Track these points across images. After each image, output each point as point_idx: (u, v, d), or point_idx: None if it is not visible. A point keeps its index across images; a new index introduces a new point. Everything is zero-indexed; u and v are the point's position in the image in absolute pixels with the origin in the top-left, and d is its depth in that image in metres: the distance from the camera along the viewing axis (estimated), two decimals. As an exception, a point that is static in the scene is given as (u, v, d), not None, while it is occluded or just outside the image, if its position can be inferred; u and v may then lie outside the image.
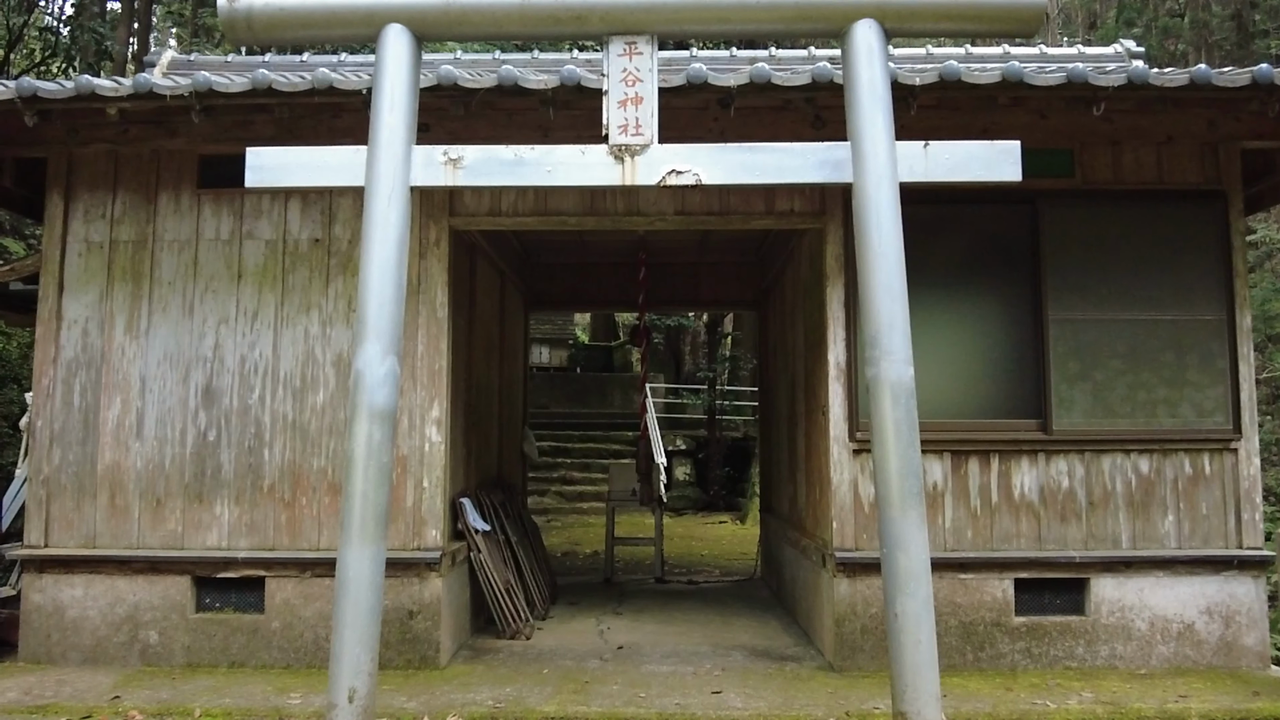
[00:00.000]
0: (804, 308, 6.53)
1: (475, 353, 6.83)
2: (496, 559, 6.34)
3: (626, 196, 5.67)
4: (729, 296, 9.24)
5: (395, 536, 5.51)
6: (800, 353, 6.66)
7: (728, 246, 8.80)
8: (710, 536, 12.85)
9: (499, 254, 7.60)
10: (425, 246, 5.66)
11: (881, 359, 3.87)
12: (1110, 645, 5.44)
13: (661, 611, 7.14)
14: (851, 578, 5.44)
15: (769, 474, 8.78)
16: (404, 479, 5.54)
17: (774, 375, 8.44)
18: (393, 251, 3.97)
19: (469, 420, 6.61)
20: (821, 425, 5.81)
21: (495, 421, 7.68)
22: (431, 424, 5.54)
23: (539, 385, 20.39)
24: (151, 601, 5.54)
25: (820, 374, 5.81)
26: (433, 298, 5.62)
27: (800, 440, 6.70)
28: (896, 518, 3.84)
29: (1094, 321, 5.66)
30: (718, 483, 16.47)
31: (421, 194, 5.67)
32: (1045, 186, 5.72)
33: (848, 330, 5.56)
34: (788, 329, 7.37)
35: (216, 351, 5.71)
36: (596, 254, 9.10)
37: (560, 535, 12.77)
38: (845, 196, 5.62)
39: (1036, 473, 5.59)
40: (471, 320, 6.74)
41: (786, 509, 7.47)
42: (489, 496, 6.75)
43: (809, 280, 6.31)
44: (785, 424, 7.57)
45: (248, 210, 5.80)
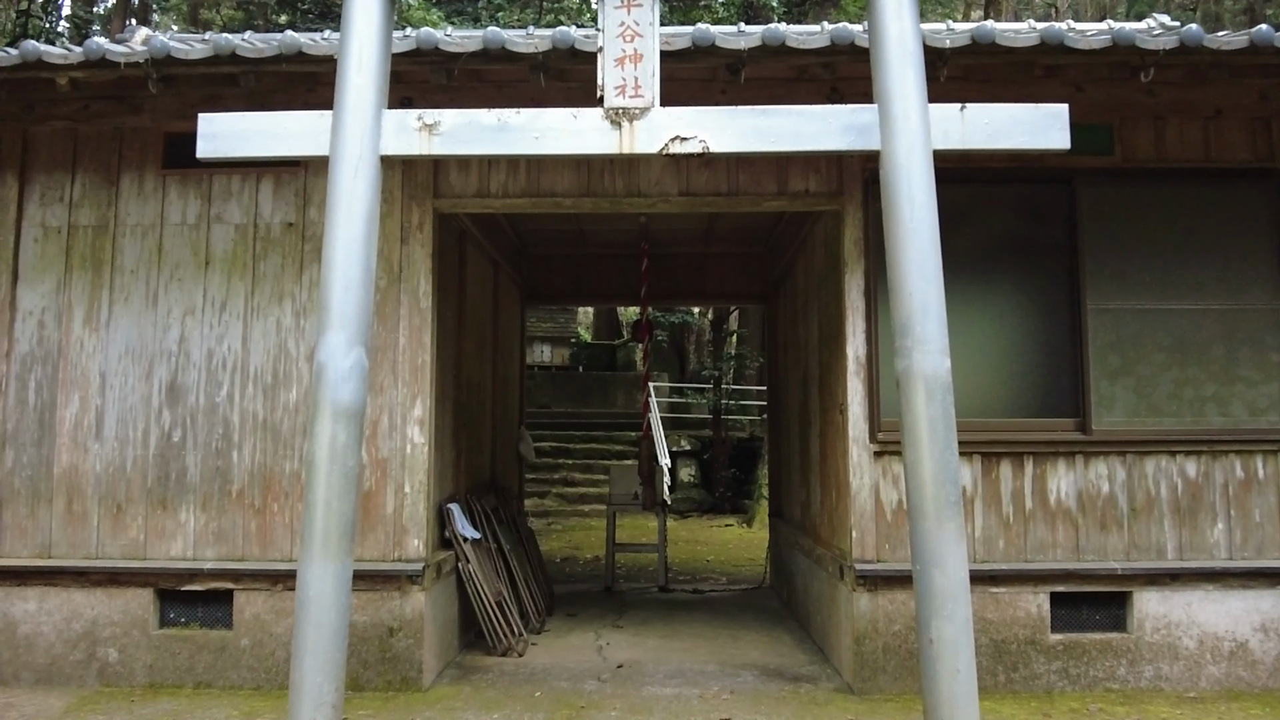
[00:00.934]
0: (818, 298, 6.07)
1: (466, 347, 6.38)
2: (487, 569, 5.89)
3: (626, 176, 5.21)
4: (735, 290, 8.77)
5: (374, 546, 5.06)
6: (814, 347, 6.20)
7: (734, 236, 8.34)
8: (716, 541, 12.39)
9: (492, 243, 7.15)
10: (407, 231, 5.21)
11: (914, 349, 3.42)
12: (1155, 665, 4.97)
13: (665, 624, 6.68)
14: (873, 592, 4.97)
15: (778, 477, 8.31)
16: (383, 483, 5.09)
17: (784, 372, 7.97)
18: (360, 228, 3.53)
19: (458, 420, 6.16)
20: (839, 425, 5.35)
21: (488, 421, 7.23)
22: (414, 424, 5.09)
23: (540, 384, 19.95)
24: (111, 616, 5.09)
25: (837, 369, 5.35)
26: (415, 286, 5.16)
27: (814, 441, 6.23)
28: (931, 530, 3.38)
29: (1136, 311, 5.19)
30: (723, 484, 16.00)
31: (404, 174, 5.24)
32: (1083, 165, 5.26)
33: (868, 321, 5.10)
34: (799, 322, 6.91)
35: (182, 345, 5.27)
36: (596, 245, 8.65)
37: (560, 539, 12.32)
38: (865, 175, 5.17)
39: (1074, 476, 5.12)
40: (461, 313, 6.29)
41: (798, 515, 7.01)
42: (480, 502, 6.29)
43: (824, 268, 5.85)
44: (797, 424, 7.10)
45: (216, 192, 5.36)
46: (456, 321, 6.18)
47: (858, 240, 5.14)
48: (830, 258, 5.61)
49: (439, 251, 5.51)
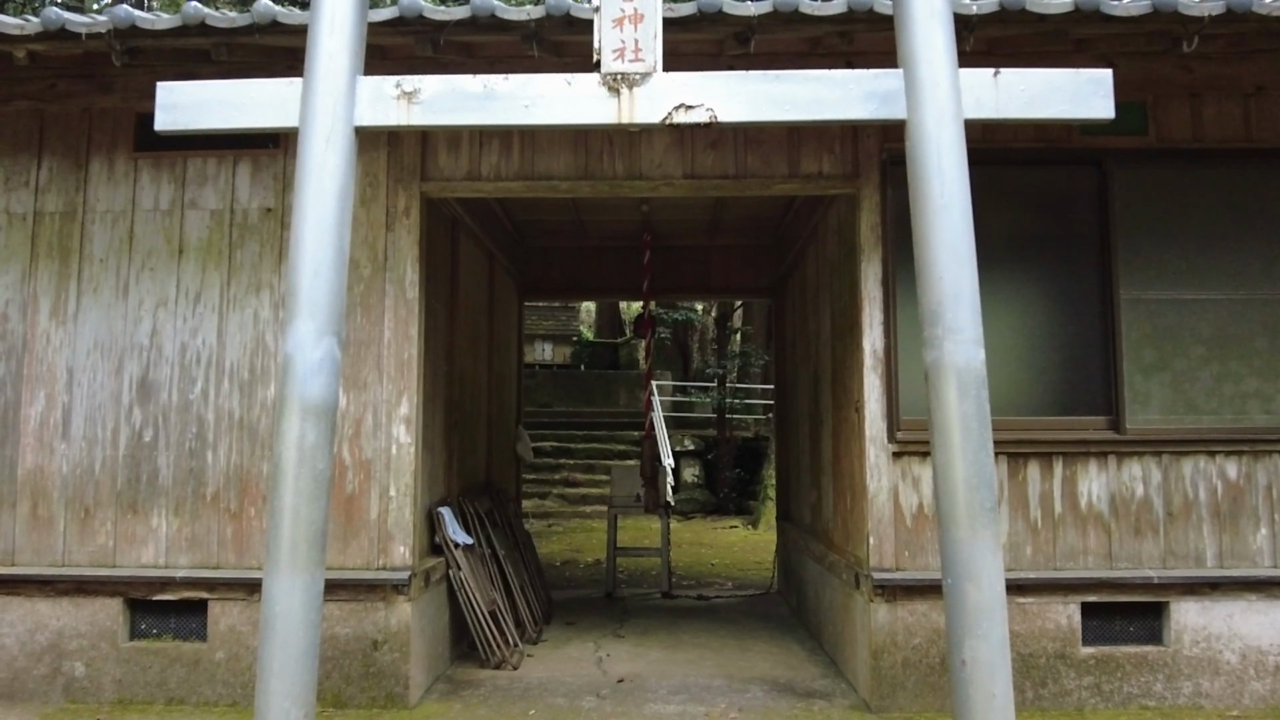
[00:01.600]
0: (830, 290, 5.73)
1: (458, 342, 6.06)
2: (480, 576, 5.56)
3: (626, 157, 4.87)
4: (741, 284, 8.43)
5: (357, 554, 4.74)
6: (826, 341, 5.86)
7: (740, 228, 8.00)
8: (720, 543, 12.05)
9: (487, 233, 6.82)
10: (393, 217, 4.88)
11: (945, 339, 3.08)
12: (1194, 680, 4.63)
13: (668, 633, 6.35)
14: (891, 603, 4.63)
15: (787, 478, 7.98)
16: (367, 486, 4.76)
17: (792, 369, 7.64)
18: (332, 206, 3.19)
19: (450, 418, 5.83)
20: (854, 424, 5.01)
21: (483, 420, 6.90)
22: (400, 422, 4.76)
23: (541, 383, 19.64)
24: (78, 628, 4.77)
25: (852, 364, 5.01)
26: (401, 275, 4.84)
27: (826, 441, 5.89)
28: (964, 539, 3.05)
29: (1173, 302, 4.85)
30: (728, 485, 15.67)
31: (389, 156, 4.92)
32: (1114, 145, 4.93)
33: (886, 312, 4.76)
34: (810, 316, 6.57)
35: (154, 339, 4.94)
36: (596, 237, 8.32)
37: (560, 542, 12.00)
38: (882, 157, 4.84)
39: (1106, 478, 4.78)
40: (454, 306, 5.96)
41: (808, 518, 6.67)
42: (473, 505, 5.97)
43: (837, 257, 5.51)
44: (806, 422, 6.77)
45: (191, 176, 5.03)
46: (448, 315, 5.85)
47: (874, 226, 4.80)
48: (844, 246, 5.27)
49: (427, 239, 5.19)
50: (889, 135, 4.88)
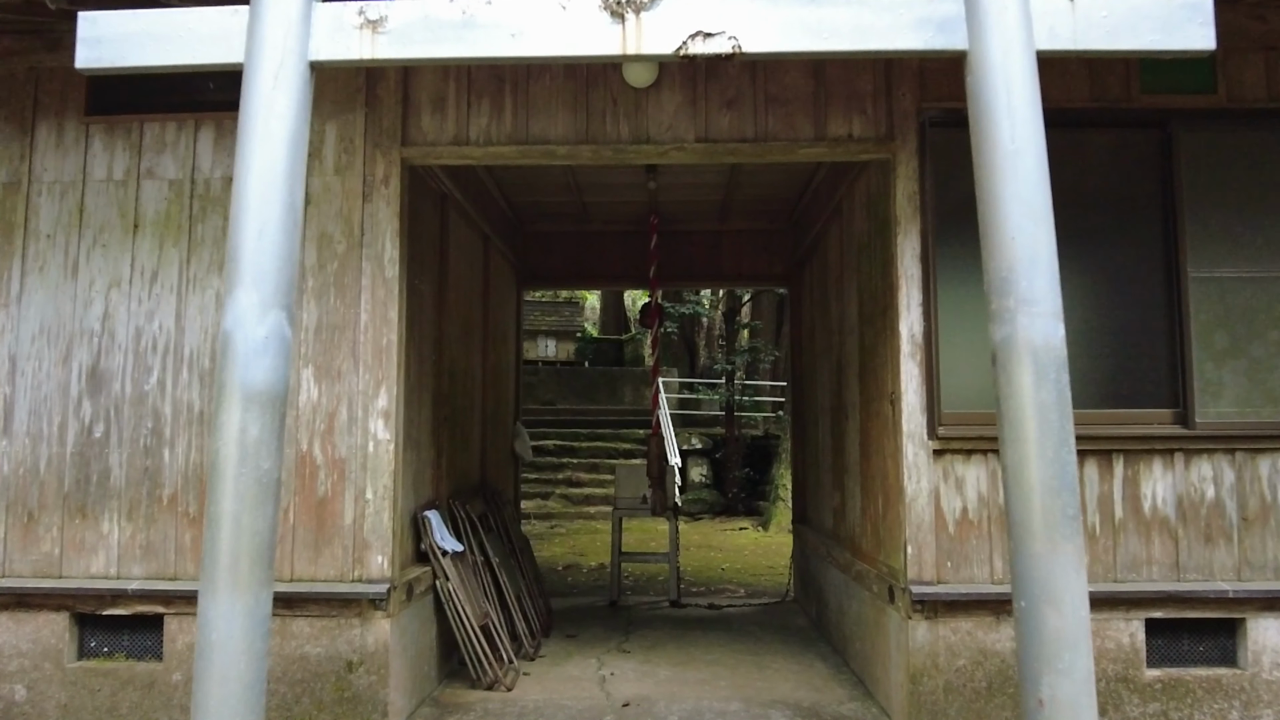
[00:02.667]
0: (858, 271, 5.20)
1: (449, 330, 5.53)
2: (471, 587, 5.04)
3: (632, 118, 4.35)
4: (754, 271, 7.90)
5: (329, 564, 4.22)
6: (852, 328, 5.33)
7: (754, 210, 7.47)
8: (730, 546, 11.52)
9: (481, 214, 6.30)
10: (370, 186, 4.36)
11: (1017, 312, 2.56)
12: (1276, 708, 4.09)
13: (678, 647, 5.82)
14: (932, 620, 4.10)
15: (804, 478, 7.44)
16: (340, 488, 4.24)
17: (810, 361, 7.10)
18: (281, 155, 2.68)
19: (439, 413, 5.31)
20: (887, 419, 4.48)
21: (477, 416, 6.38)
22: (377, 416, 4.24)
23: (544, 380, 19.14)
24: (19, 646, 4.27)
25: (886, 352, 4.48)
26: (380, 252, 4.32)
27: (852, 438, 5.36)
28: (1041, 555, 2.54)
29: (1247, 280, 4.31)
30: (737, 485, 15.15)
31: (367, 118, 4.41)
32: (1180, 105, 4.39)
33: (925, 292, 4.23)
34: (831, 302, 6.04)
35: (106, 323, 4.44)
36: (600, 220, 7.79)
37: (563, 544, 11.48)
38: (920, 118, 4.31)
39: (1172, 479, 4.24)
40: (443, 291, 5.44)
41: (830, 523, 6.14)
42: (464, 508, 5.45)
43: (866, 234, 4.98)
44: (828, 418, 6.23)
45: (148, 142, 4.52)
46: (436, 300, 5.33)
47: (912, 195, 4.27)
48: (875, 220, 4.74)
49: (411, 214, 4.67)
50: (927, 93, 4.35)
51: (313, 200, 4.39)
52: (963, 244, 4.26)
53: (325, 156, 4.41)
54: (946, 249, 4.25)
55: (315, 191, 4.39)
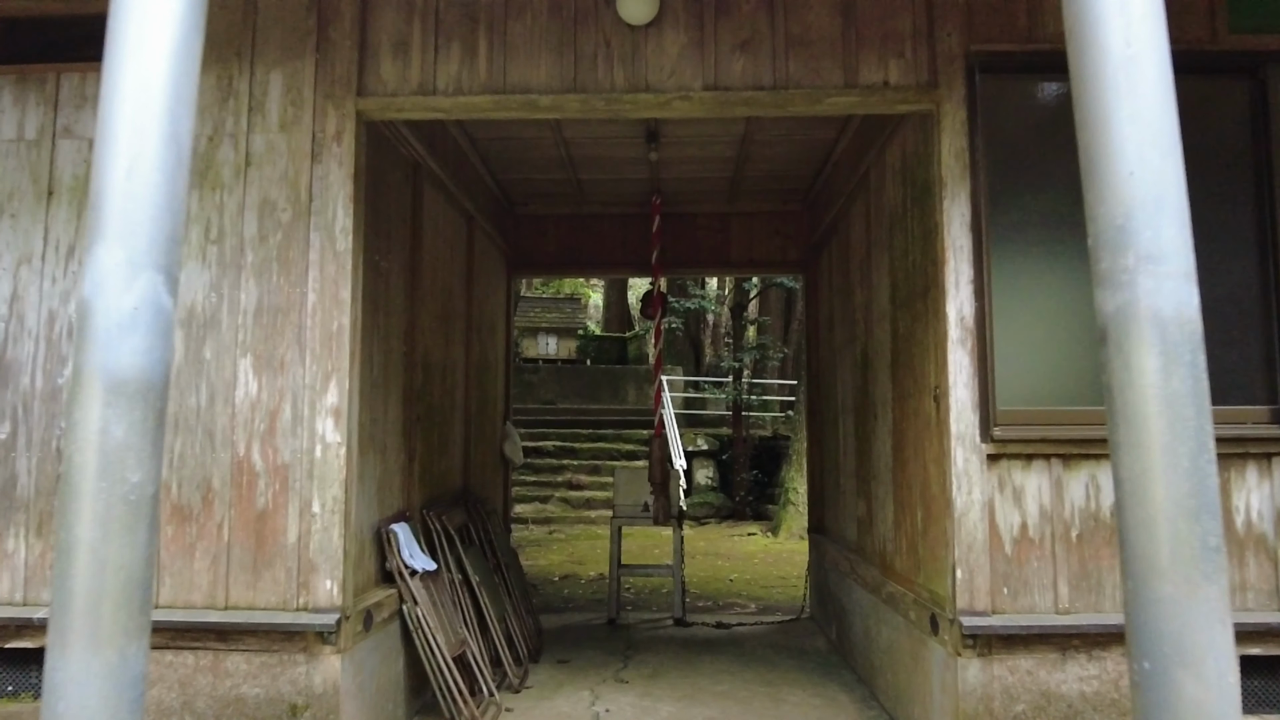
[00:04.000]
0: (891, 248, 4.54)
1: (423, 319, 4.89)
2: (445, 611, 4.39)
3: (629, 63, 3.69)
4: (766, 257, 7.24)
5: (270, 590, 3.57)
6: (883, 314, 4.67)
7: (765, 189, 6.82)
8: (738, 553, 10.86)
9: (463, 190, 5.65)
10: (320, 144, 3.71)
11: (1138, 272, 1.88)
12: (1396, 764, 3.42)
13: (683, 676, 5.16)
14: (985, 657, 3.44)
15: (821, 484, 6.78)
16: (283, 500, 3.59)
17: (828, 354, 6.45)
18: (162, 70, 1.99)
19: (411, 412, 4.66)
20: (928, 417, 3.82)
21: (459, 415, 5.73)
22: (326, 415, 3.59)
23: (544, 379, 18.51)
24: (-91, 685, 3.63)
25: (928, 339, 3.82)
26: (330, 221, 3.67)
27: (881, 440, 4.70)
28: (1172, 599, 1.85)
29: (1358, 254, 3.64)
30: (744, 488, 14.47)
31: (316, 65, 3.75)
32: (1275, 47, 3.72)
33: (977, 267, 3.56)
34: (856, 287, 5.38)
35: (14, 305, 3.80)
36: (598, 201, 7.14)
37: (561, 551, 10.84)
38: (969, 61, 3.65)
39: (1270, 489, 3.58)
40: (415, 273, 4.79)
41: (853, 534, 5.48)
42: (440, 520, 4.80)
43: (901, 204, 4.31)
44: (850, 417, 5.57)
45: (65, 96, 3.89)
46: (407, 283, 4.69)
47: (960, 152, 3.60)
48: (914, 186, 4.07)
49: (373, 179, 4.03)
50: (975, 33, 3.69)
51: (254, 162, 3.74)
52: (1021, 210, 3.60)
53: (269, 110, 3.76)
54: (1001, 216, 3.59)
55: (257, 151, 3.75)
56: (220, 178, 3.74)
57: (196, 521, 3.60)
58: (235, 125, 3.76)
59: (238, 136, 3.76)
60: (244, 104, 3.77)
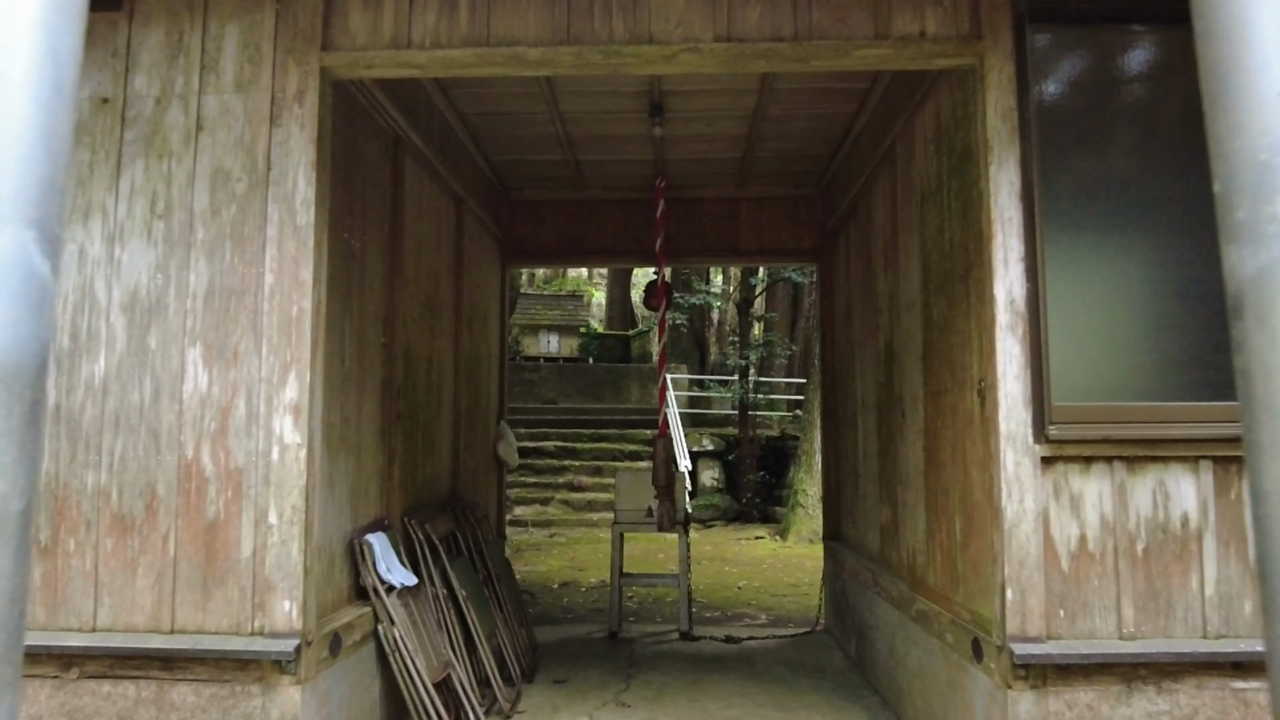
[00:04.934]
0: (923, 226, 4.09)
1: (403, 306, 4.45)
2: (427, 630, 3.95)
3: (629, 12, 3.25)
4: (778, 245, 6.79)
5: (222, 611, 3.14)
6: (911, 302, 4.22)
7: (778, 170, 6.38)
8: (746, 558, 10.42)
9: (451, 169, 5.22)
10: (280, 105, 3.28)
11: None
12: None
13: (690, 699, 4.72)
14: (1039, 689, 2.99)
15: (837, 488, 6.34)
16: (236, 509, 3.16)
17: (846, 349, 6.01)
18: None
19: (389, 410, 4.23)
20: (970, 415, 3.37)
21: (446, 414, 5.29)
22: (284, 413, 3.15)
23: (546, 377, 18.10)
24: None
25: (969, 326, 3.37)
26: (290, 192, 3.23)
27: (910, 440, 4.25)
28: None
29: None
30: (751, 490, 14.03)
31: (278, 16, 3.32)
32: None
33: (1028, 241, 3.12)
34: (879, 274, 4.94)
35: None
36: (598, 185, 6.71)
37: (562, 556, 10.40)
38: (1018, 10, 3.20)
39: (1363, 497, 3.11)
40: (396, 256, 4.36)
41: (875, 543, 5.03)
42: (424, 528, 4.36)
43: (936, 176, 3.87)
44: (872, 415, 5.13)
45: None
46: (387, 267, 4.26)
47: (1008, 112, 3.16)
48: (952, 154, 3.63)
49: (345, 149, 3.60)
50: (1026, -22, 3.24)
51: (206, 126, 3.31)
52: (1078, 176, 3.15)
53: (223, 68, 3.33)
54: (1055, 183, 3.15)
55: (209, 114, 3.31)
56: (168, 144, 3.31)
57: (139, 533, 3.17)
58: (185, 85, 3.33)
59: (188, 98, 3.33)
60: (195, 62, 3.34)
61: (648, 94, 4.91)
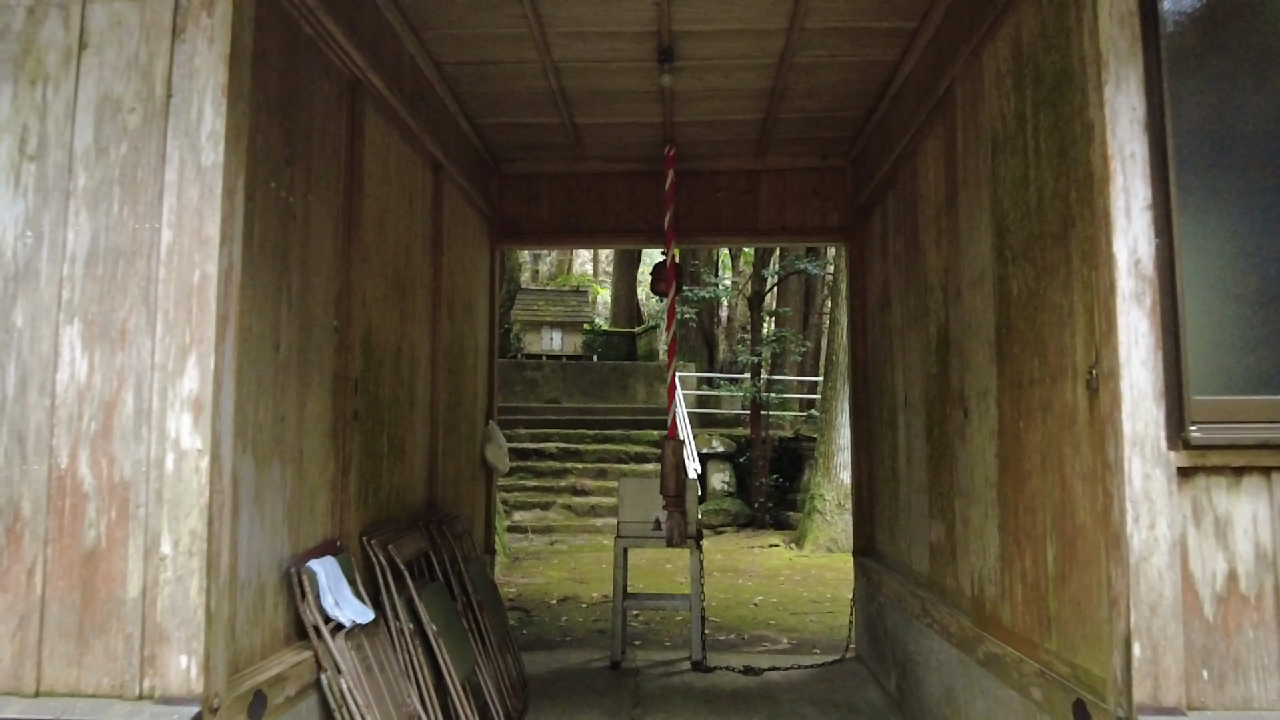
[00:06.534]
0: (995, 181, 3.35)
1: (362, 283, 3.73)
2: (387, 675, 3.23)
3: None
4: (800, 223, 6.04)
5: (103, 666, 2.41)
6: (980, 275, 3.48)
7: (803, 138, 5.65)
8: (761, 569, 9.67)
9: (426, 128, 4.49)
10: (184, 14, 2.55)
11: None
12: None
13: (706, 749, 3.99)
14: (1178, 777, 2.25)
15: (870, 496, 5.60)
16: (120, 534, 2.43)
17: (882, 338, 5.27)
18: None
19: (342, 408, 3.51)
20: (1072, 412, 2.63)
21: (421, 413, 4.57)
22: (181, 409, 2.42)
23: (549, 375, 17.37)
24: None
25: (1074, 297, 2.63)
26: (193, 122, 2.50)
27: (977, 444, 3.51)
28: None
29: None
30: (764, 494, 13.28)
31: (181, -99, 2.58)
32: None
33: (1156, 184, 2.37)
34: (929, 247, 4.20)
35: None
36: (599, 156, 5.98)
37: (562, 566, 9.67)
38: (1138, -119, 2.44)
39: None
40: (353, 221, 3.63)
41: (924, 566, 4.29)
42: (386, 550, 3.63)
43: (1016, 115, 3.12)
44: (919, 413, 4.39)
45: None
46: (340, 235, 3.54)
47: (1127, 15, 2.41)
48: (1043, 81, 2.89)
49: (277, 80, 2.89)
50: None
51: (91, 43, 2.59)
52: (1221, 99, 2.40)
53: (115, -31, 2.61)
54: (1191, 108, 2.40)
55: (96, 28, 2.59)
56: (43, 66, 2.59)
57: (-1, 565, 2.45)
58: (67, -8, 2.61)
59: (69, 7, 2.61)
60: (80, -38, 2.62)
61: (655, 36, 4.18)
